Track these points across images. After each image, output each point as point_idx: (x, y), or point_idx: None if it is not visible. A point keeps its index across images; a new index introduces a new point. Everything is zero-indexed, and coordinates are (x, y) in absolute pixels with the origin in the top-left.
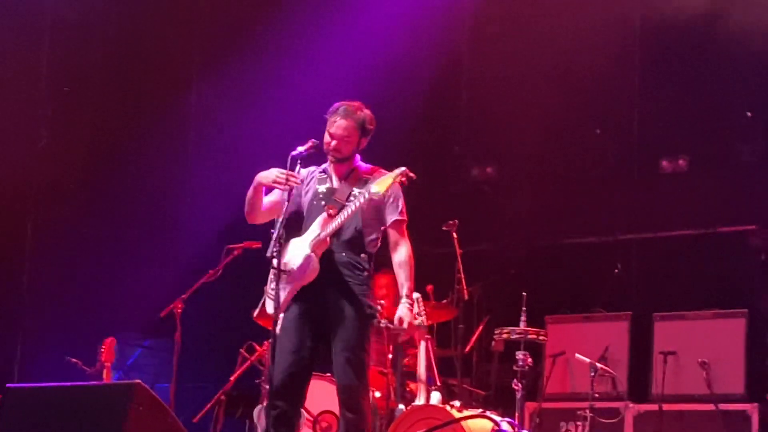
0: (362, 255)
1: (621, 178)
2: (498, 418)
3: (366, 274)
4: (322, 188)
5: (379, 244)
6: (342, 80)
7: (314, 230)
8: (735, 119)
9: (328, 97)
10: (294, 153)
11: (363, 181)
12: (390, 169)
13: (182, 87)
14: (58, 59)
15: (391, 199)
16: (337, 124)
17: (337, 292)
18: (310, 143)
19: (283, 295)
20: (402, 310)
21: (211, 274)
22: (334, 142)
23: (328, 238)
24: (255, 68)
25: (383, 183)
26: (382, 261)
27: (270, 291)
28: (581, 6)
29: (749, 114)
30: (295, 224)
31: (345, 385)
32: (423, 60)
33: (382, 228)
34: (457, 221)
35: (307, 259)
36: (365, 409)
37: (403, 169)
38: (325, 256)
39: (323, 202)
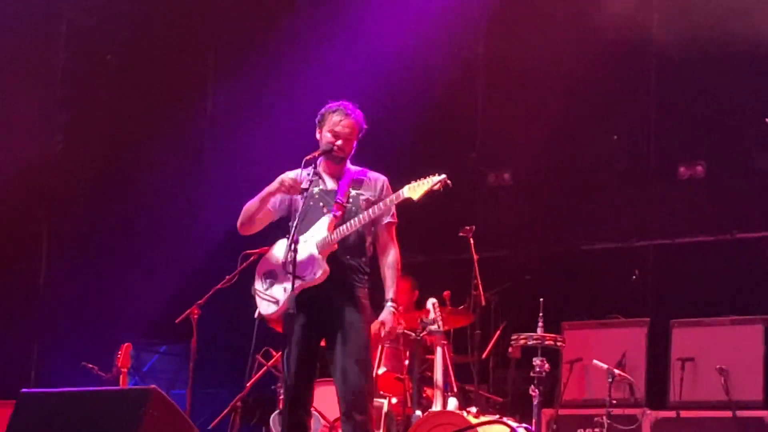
0: (363, 258)
1: (638, 184)
2: (515, 424)
3: (367, 277)
4: (317, 189)
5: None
6: (356, 87)
7: (319, 232)
8: (752, 125)
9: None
10: (308, 157)
11: (358, 182)
12: (406, 173)
13: (197, 93)
14: (73, 64)
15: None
16: (343, 123)
17: (342, 295)
18: (325, 147)
19: (284, 295)
20: (386, 315)
21: (228, 280)
22: (339, 141)
23: (336, 243)
24: (269, 75)
25: (419, 188)
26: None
27: (261, 292)
28: (597, 11)
29: (767, 120)
30: (284, 225)
31: (355, 387)
32: (438, 66)
33: (373, 229)
34: (473, 227)
35: (317, 260)
36: (372, 411)
37: (443, 176)
38: (330, 259)
39: (321, 203)
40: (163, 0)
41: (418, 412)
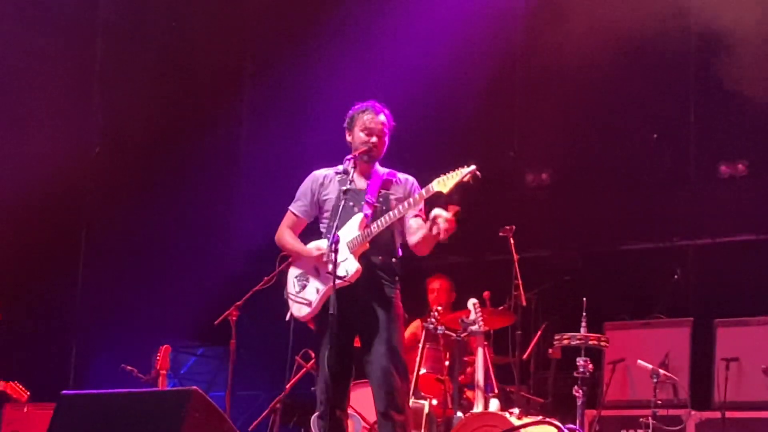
0: (394, 259)
1: (679, 183)
2: (562, 426)
3: (397, 278)
4: (345, 188)
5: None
6: (393, 89)
7: (351, 231)
8: None
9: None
10: (348, 157)
11: (387, 182)
12: (444, 173)
13: (234, 93)
14: (109, 66)
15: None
16: (375, 119)
17: (373, 294)
18: (365, 147)
19: (317, 296)
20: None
21: (266, 282)
22: (374, 138)
23: (367, 242)
24: (306, 75)
25: (449, 181)
26: (435, 265)
27: (293, 295)
28: (637, 10)
29: None
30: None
31: (393, 387)
32: (476, 65)
33: (400, 228)
34: (514, 227)
35: (348, 259)
36: (409, 410)
37: (473, 167)
38: (365, 257)
39: (351, 203)
40: (198, 2)
41: (460, 414)
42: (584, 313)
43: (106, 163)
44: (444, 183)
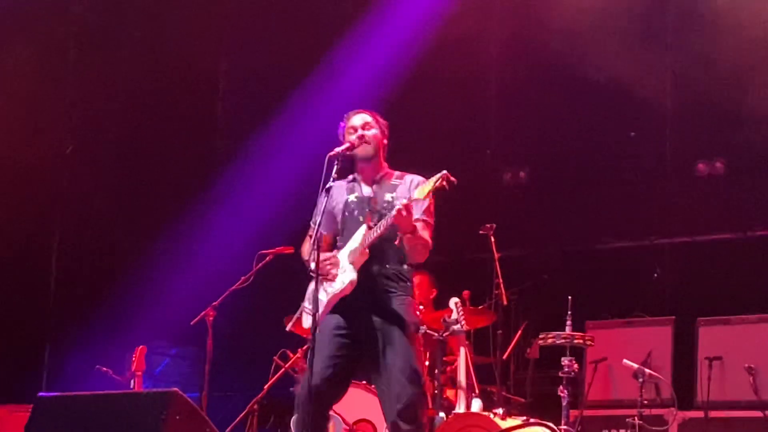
0: (405, 266)
1: (656, 181)
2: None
3: (409, 284)
4: (352, 197)
5: None
6: (371, 88)
7: (354, 242)
8: None
9: (357, 105)
10: (331, 153)
11: (393, 187)
12: (421, 173)
13: (209, 91)
14: (82, 63)
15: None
16: (357, 117)
17: (382, 303)
18: (347, 144)
19: (321, 308)
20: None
21: (243, 281)
22: (359, 131)
23: (367, 250)
24: (282, 74)
25: (423, 189)
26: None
27: (308, 308)
28: (609, 9)
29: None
30: (333, 239)
31: (404, 396)
32: (452, 64)
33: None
34: (494, 225)
35: (347, 270)
36: (423, 420)
37: (444, 172)
38: (370, 267)
39: (356, 212)
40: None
41: (442, 414)
42: (569, 312)
43: (79, 162)
44: (421, 190)
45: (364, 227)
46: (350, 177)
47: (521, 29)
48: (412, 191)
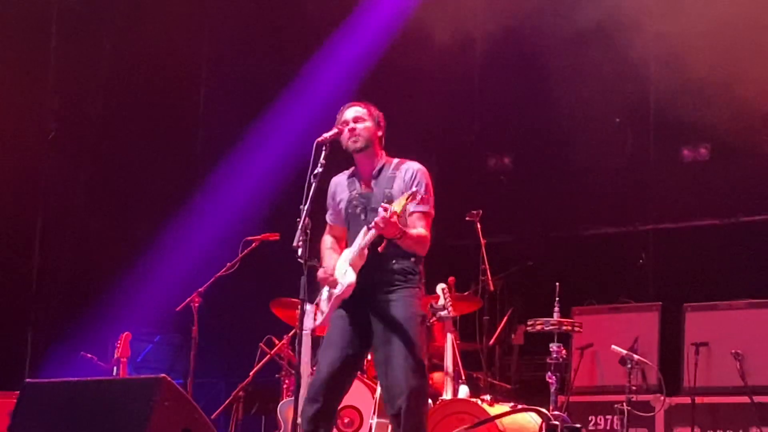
0: (412, 259)
1: (641, 167)
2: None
3: (418, 277)
4: (354, 194)
5: None
6: (355, 76)
7: (355, 244)
8: (756, 107)
9: (341, 94)
10: (319, 139)
11: (390, 179)
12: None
13: (192, 75)
14: (65, 50)
15: (415, 186)
16: (349, 110)
17: (384, 299)
18: (335, 130)
19: (325, 304)
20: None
21: (229, 267)
22: (351, 125)
23: (365, 252)
24: (264, 60)
25: (400, 203)
26: None
27: (321, 304)
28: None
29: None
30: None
31: (410, 390)
32: (436, 52)
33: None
34: (480, 211)
35: (346, 273)
36: (425, 412)
37: (412, 190)
38: (371, 266)
39: (358, 209)
40: None
41: (429, 401)
42: (557, 298)
43: (63, 147)
44: (398, 203)
45: (364, 229)
46: (349, 171)
47: (505, 14)
48: (407, 184)
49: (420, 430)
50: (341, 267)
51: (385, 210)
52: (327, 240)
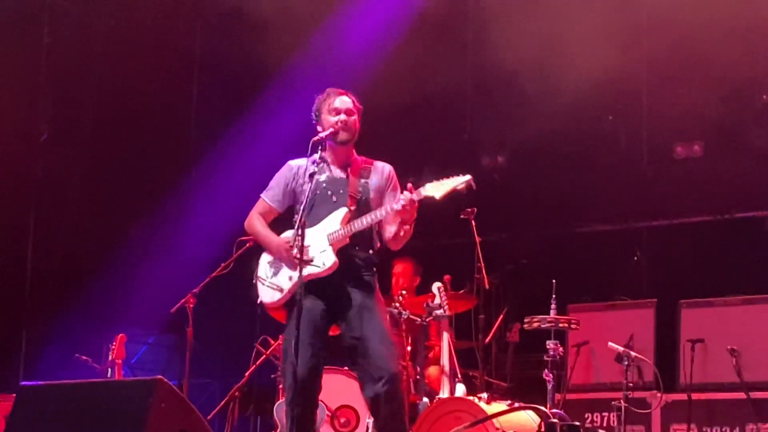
0: (371, 251)
1: (635, 164)
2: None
3: (375, 269)
4: (323, 177)
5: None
6: (348, 73)
7: (332, 224)
8: (750, 104)
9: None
10: (315, 138)
11: (366, 171)
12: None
13: (185, 79)
14: (57, 52)
15: (390, 187)
16: (341, 99)
17: (354, 287)
18: (331, 129)
19: (290, 283)
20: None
21: (223, 268)
22: (343, 116)
23: (350, 234)
24: (257, 60)
25: (442, 187)
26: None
27: (263, 280)
28: None
29: (765, 98)
30: (289, 215)
31: (390, 374)
32: (428, 48)
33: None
34: (475, 209)
35: (327, 252)
36: (403, 395)
37: (468, 177)
38: (345, 250)
39: (329, 192)
40: None
41: (426, 399)
42: (554, 296)
43: (55, 150)
44: (437, 188)
45: (343, 210)
46: (316, 157)
47: (497, 12)
48: (386, 180)
49: (401, 412)
50: (317, 245)
51: (413, 192)
52: (259, 219)
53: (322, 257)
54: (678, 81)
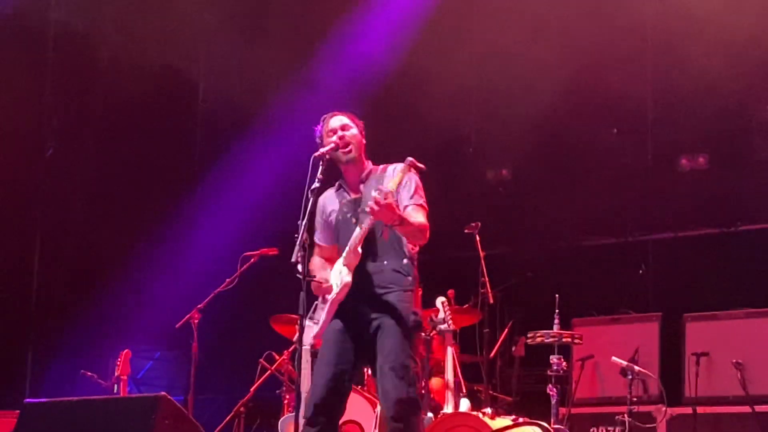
0: (404, 260)
1: (640, 177)
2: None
3: (410, 279)
4: (343, 201)
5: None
6: (353, 89)
7: (348, 246)
8: (755, 116)
9: (338, 107)
10: (316, 154)
11: (378, 181)
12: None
13: (189, 95)
14: (62, 68)
15: (404, 185)
16: (335, 118)
17: (378, 301)
18: (331, 145)
19: (322, 315)
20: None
21: (228, 283)
22: (339, 132)
23: (359, 250)
24: (260, 74)
25: (394, 179)
26: None
27: (310, 319)
28: (589, 9)
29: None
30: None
31: (393, 394)
32: (433, 62)
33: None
34: (479, 223)
35: (340, 274)
36: (414, 417)
37: (408, 160)
38: (364, 266)
39: (349, 215)
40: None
41: (430, 414)
42: (557, 310)
43: (60, 165)
44: (392, 181)
45: (358, 229)
46: (336, 184)
47: (501, 24)
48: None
49: None
50: (336, 271)
51: (379, 192)
52: (317, 260)
53: (337, 280)
54: (682, 94)
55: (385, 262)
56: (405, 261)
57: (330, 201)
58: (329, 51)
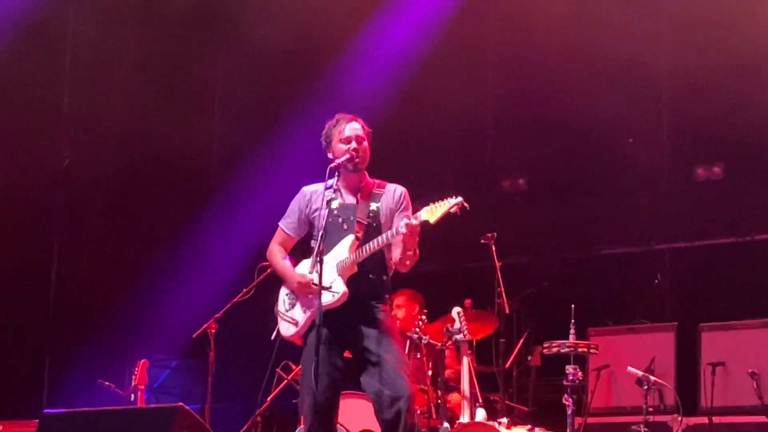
0: (385, 276)
1: (656, 186)
2: None
3: (388, 295)
4: (335, 204)
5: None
6: (369, 99)
7: (341, 252)
8: None
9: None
10: (332, 165)
11: (377, 196)
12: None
13: (206, 103)
14: (80, 78)
15: (401, 209)
16: (351, 127)
17: (369, 311)
18: (347, 156)
19: (304, 317)
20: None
21: (244, 293)
22: (354, 144)
23: (357, 262)
24: (278, 84)
25: (436, 211)
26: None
27: (282, 313)
28: (607, 18)
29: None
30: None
31: (401, 399)
32: (449, 73)
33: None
34: (495, 234)
35: (336, 282)
36: (416, 422)
37: (460, 199)
38: (355, 278)
39: (340, 219)
40: (169, 12)
41: (446, 425)
42: (573, 320)
43: (78, 175)
44: (431, 212)
45: (350, 237)
46: (330, 183)
47: (518, 38)
48: (397, 202)
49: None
50: (328, 275)
51: (416, 218)
52: (278, 250)
53: (332, 287)
54: (698, 103)
55: (371, 276)
56: (385, 276)
57: (317, 197)
58: (347, 59)
